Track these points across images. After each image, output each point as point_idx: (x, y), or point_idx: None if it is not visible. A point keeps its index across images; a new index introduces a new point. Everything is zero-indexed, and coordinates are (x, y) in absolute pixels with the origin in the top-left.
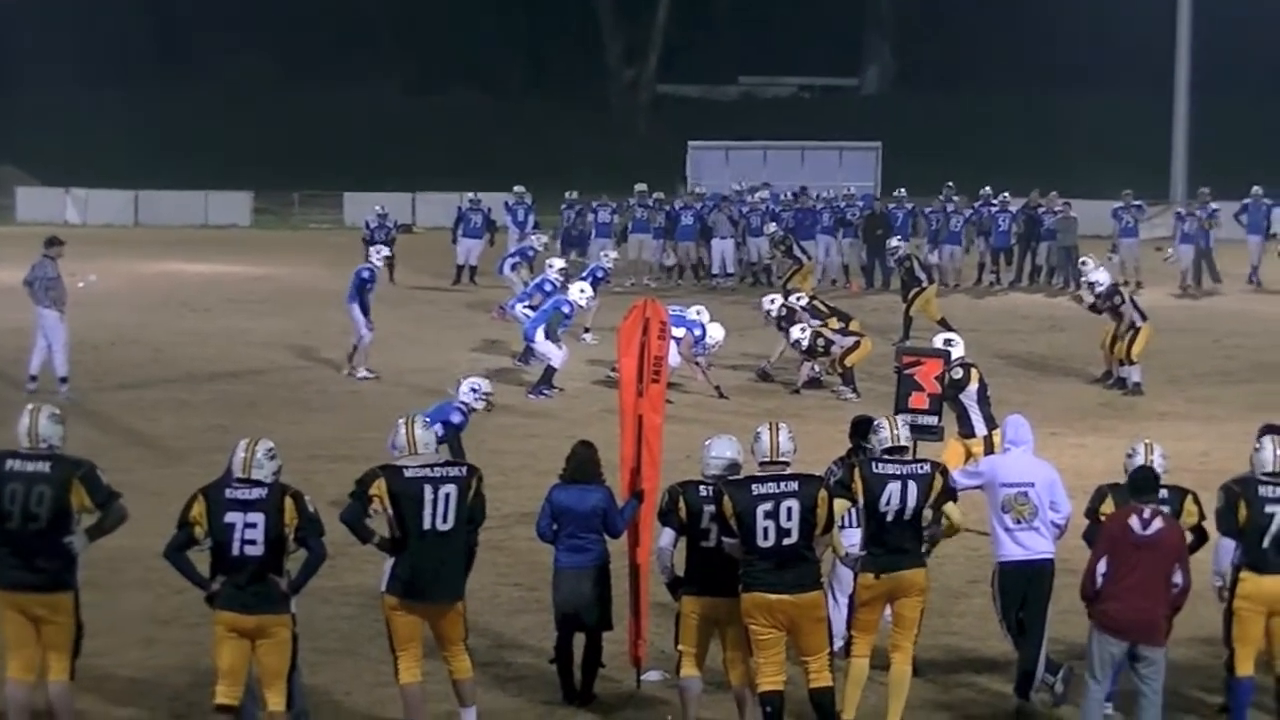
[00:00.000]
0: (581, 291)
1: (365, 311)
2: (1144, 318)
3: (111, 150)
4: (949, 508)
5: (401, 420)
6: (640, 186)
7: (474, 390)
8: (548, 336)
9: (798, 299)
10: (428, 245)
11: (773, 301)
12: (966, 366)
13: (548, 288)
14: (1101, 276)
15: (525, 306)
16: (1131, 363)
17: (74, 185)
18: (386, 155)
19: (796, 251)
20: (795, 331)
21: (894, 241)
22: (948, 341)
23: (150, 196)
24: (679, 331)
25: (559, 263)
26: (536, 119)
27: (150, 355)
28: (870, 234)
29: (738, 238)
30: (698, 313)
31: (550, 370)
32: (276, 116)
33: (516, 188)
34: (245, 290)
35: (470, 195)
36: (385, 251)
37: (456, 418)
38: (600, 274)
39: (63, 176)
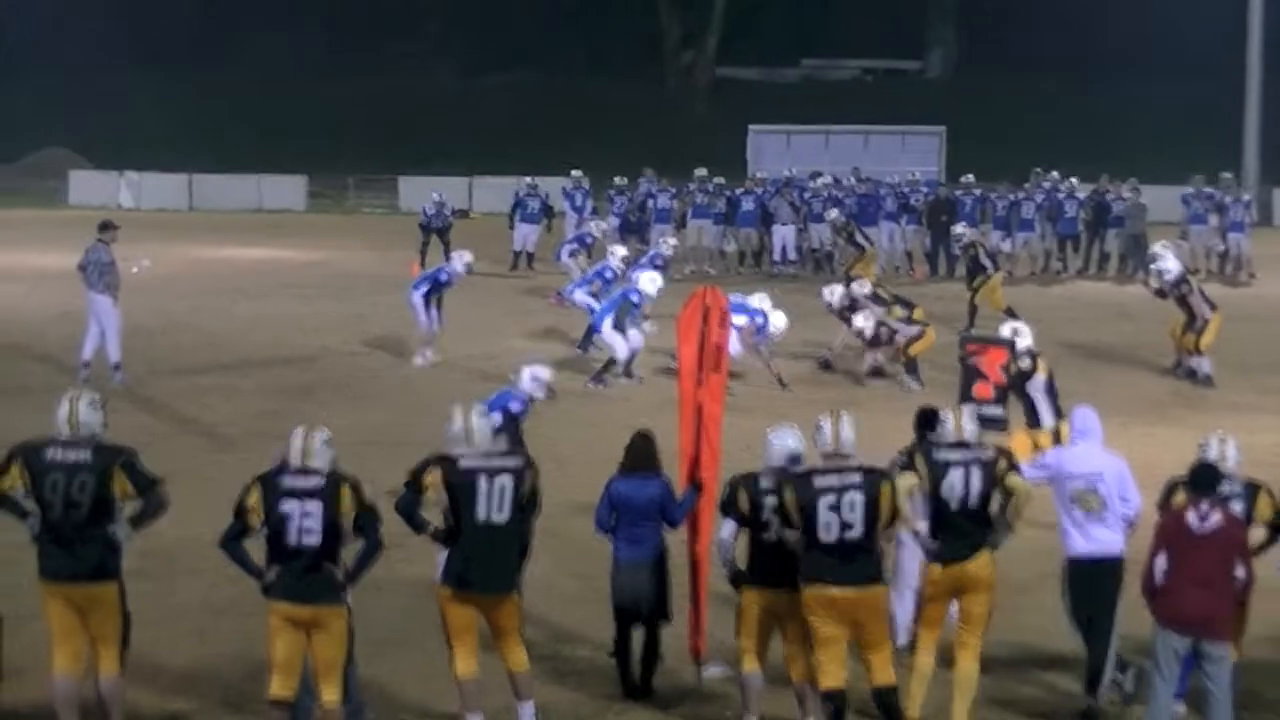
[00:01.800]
0: (652, 281)
1: (429, 308)
2: (1213, 308)
3: (165, 133)
4: (1012, 479)
5: (458, 408)
6: (700, 171)
7: (535, 379)
8: (615, 327)
9: (860, 287)
10: (485, 231)
11: (833, 292)
12: (1034, 356)
13: (608, 275)
14: (1171, 265)
15: (585, 293)
16: (1200, 354)
17: (127, 168)
18: (442, 139)
19: (859, 238)
20: (858, 320)
21: (959, 228)
22: (1014, 331)
23: (204, 180)
24: (740, 320)
25: (621, 250)
26: (595, 102)
27: (203, 341)
28: (934, 220)
29: (799, 224)
30: (760, 300)
31: (611, 362)
32: (331, 99)
33: (574, 172)
34: (299, 275)
35: (528, 180)
36: (468, 258)
37: (516, 406)
38: (660, 261)
39: (116, 159)
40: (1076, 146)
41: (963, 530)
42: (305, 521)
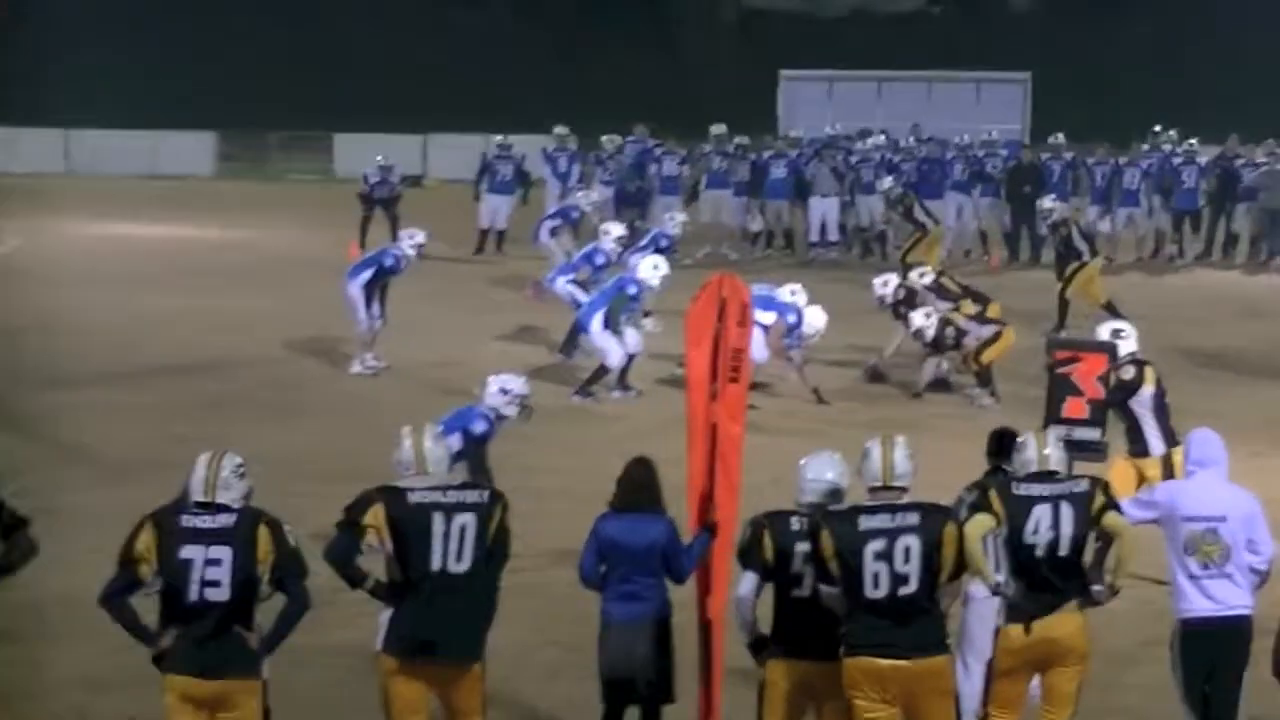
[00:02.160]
0: (655, 268)
1: (372, 301)
2: None
3: (36, 79)
4: (1112, 519)
5: (407, 430)
6: (718, 129)
7: (504, 392)
8: (607, 326)
9: (921, 276)
10: (443, 203)
11: (886, 283)
12: (1140, 365)
13: (599, 260)
14: None
15: (569, 281)
16: None
17: None
18: (390, 88)
19: (919, 214)
20: (917, 318)
21: (1047, 202)
22: (1116, 333)
23: (85, 138)
24: (767, 317)
25: (616, 229)
26: (583, 43)
27: (87, 344)
28: (1016, 192)
29: (844, 195)
30: (791, 293)
31: (601, 370)
32: (247, 39)
33: (558, 129)
34: (207, 260)
35: (498, 140)
36: (420, 238)
37: (480, 427)
38: (665, 243)
39: None
40: (1198, 100)
41: (1050, 585)
42: (210, 571)
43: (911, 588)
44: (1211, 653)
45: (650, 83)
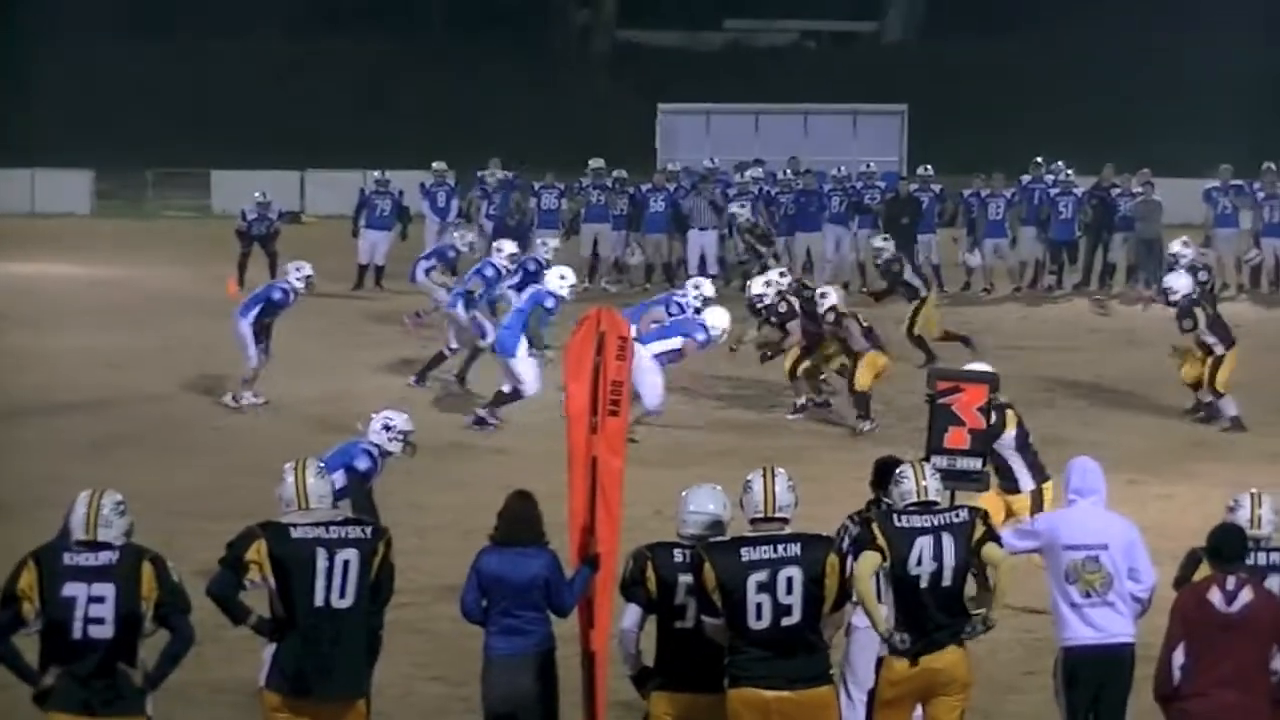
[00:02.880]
0: (562, 278)
1: (259, 337)
2: (1228, 342)
3: None
4: (991, 550)
5: (290, 466)
6: (596, 163)
7: (387, 428)
8: (530, 346)
9: (823, 298)
10: (321, 239)
11: (769, 283)
12: (1001, 409)
13: (489, 272)
14: (1181, 283)
15: (462, 303)
16: (1219, 394)
17: None
18: (265, 122)
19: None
20: (756, 284)
21: (877, 242)
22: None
23: None
24: (672, 344)
25: (509, 246)
26: (460, 74)
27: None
28: (894, 223)
29: (722, 228)
30: (697, 294)
31: (512, 395)
32: (121, 68)
33: (436, 164)
34: (85, 298)
35: (376, 175)
36: (307, 271)
37: (363, 463)
38: (533, 267)
39: None
40: (1074, 128)
41: (931, 617)
42: (94, 609)
43: (795, 618)
44: (1095, 680)
45: (528, 116)
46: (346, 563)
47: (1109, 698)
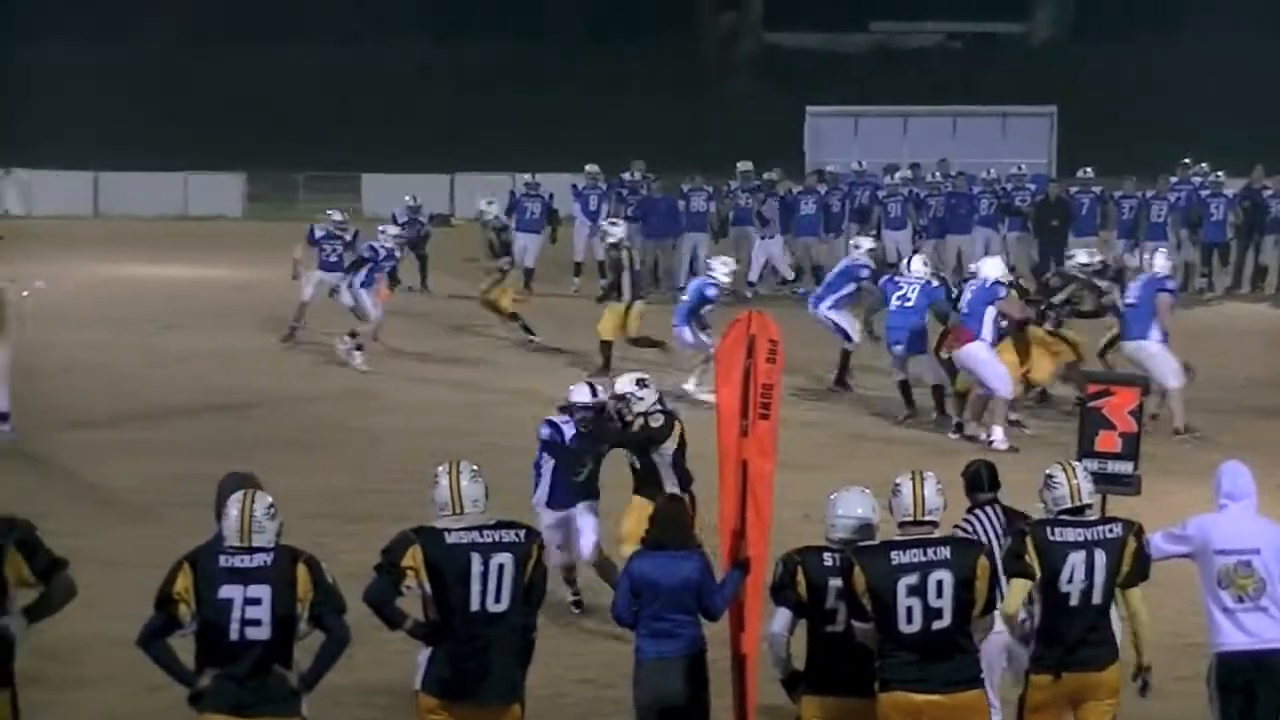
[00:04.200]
0: (724, 264)
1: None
2: None
3: (64, 121)
4: (1132, 596)
5: (443, 469)
6: (744, 165)
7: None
8: (694, 327)
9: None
10: (471, 242)
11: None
12: (669, 416)
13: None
14: None
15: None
16: None
17: (15, 165)
18: (416, 126)
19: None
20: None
21: (605, 225)
22: (640, 382)
23: (115, 180)
24: (848, 290)
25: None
26: (608, 78)
27: (111, 384)
28: (1044, 226)
29: (872, 230)
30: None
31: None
32: (273, 76)
33: (589, 167)
34: (235, 300)
35: (526, 178)
36: (394, 230)
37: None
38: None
39: (1, 156)
40: (1224, 130)
41: (1078, 632)
42: (251, 610)
43: (945, 622)
44: (1248, 686)
45: (675, 120)
46: (501, 567)
47: (1263, 704)
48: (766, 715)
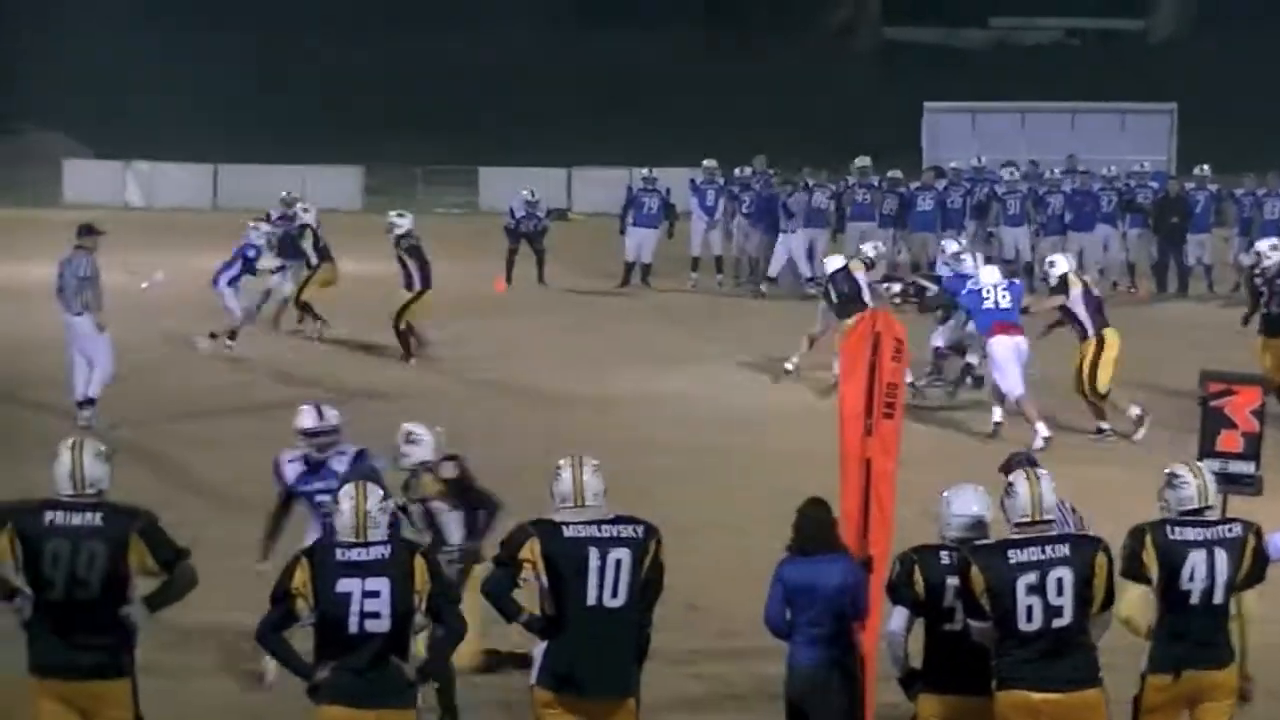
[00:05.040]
0: (875, 248)
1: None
2: None
3: (183, 115)
4: (1247, 599)
5: (566, 462)
6: (861, 161)
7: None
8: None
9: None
10: (588, 236)
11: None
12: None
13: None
14: None
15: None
16: None
17: (135, 158)
18: (532, 120)
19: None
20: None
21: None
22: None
23: (233, 173)
24: None
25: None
26: (726, 72)
27: (230, 377)
28: (1164, 223)
29: (990, 226)
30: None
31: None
32: (392, 69)
33: (707, 162)
34: (353, 293)
35: (644, 173)
36: (266, 226)
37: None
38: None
39: (122, 147)
40: None
41: (1198, 632)
42: (370, 603)
43: (1065, 620)
44: None
45: (791, 114)
46: (618, 562)
47: None
48: (883, 711)
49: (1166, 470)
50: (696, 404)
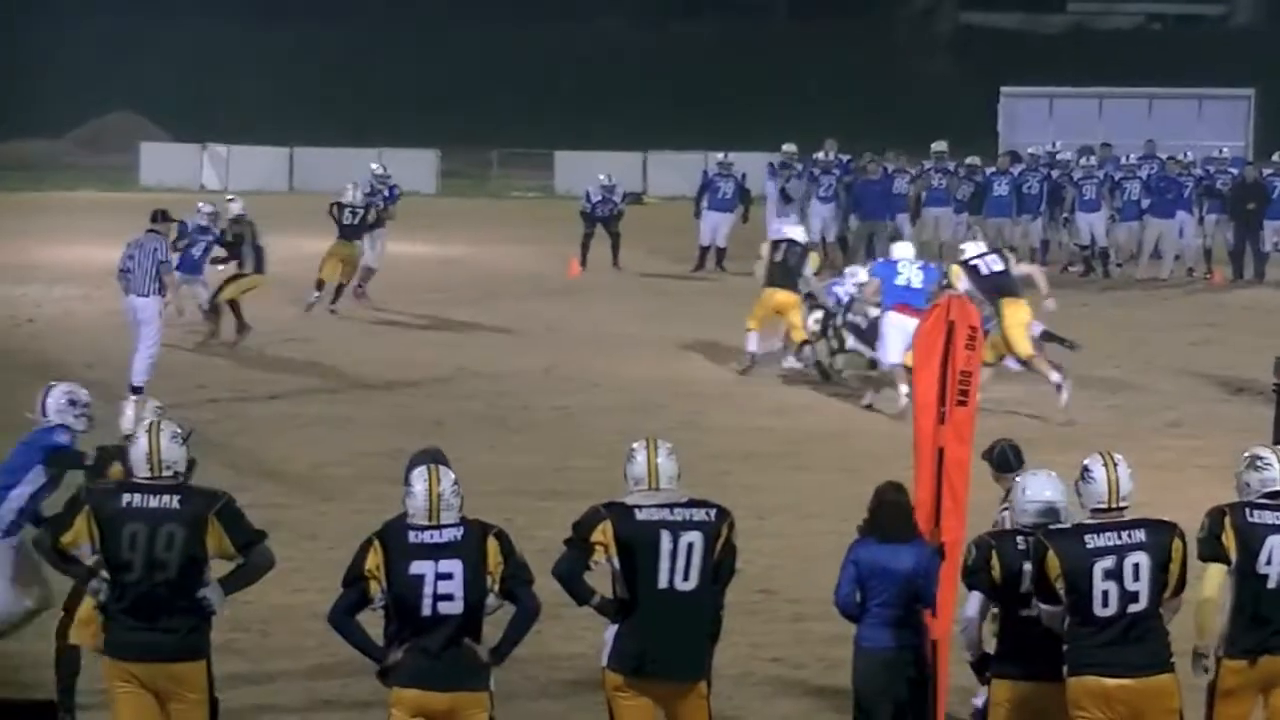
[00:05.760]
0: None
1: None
2: None
3: (259, 97)
4: None
5: (640, 445)
6: (938, 146)
7: (72, 404)
8: None
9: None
10: (663, 221)
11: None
12: None
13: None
14: None
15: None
16: None
17: (212, 140)
18: (608, 104)
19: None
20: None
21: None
22: None
23: (309, 155)
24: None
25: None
26: (803, 58)
27: (306, 360)
28: (1240, 209)
29: (1065, 212)
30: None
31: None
32: (467, 54)
33: (786, 146)
34: (429, 276)
35: (719, 157)
36: (208, 209)
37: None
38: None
39: (199, 130)
40: None
41: (1276, 616)
42: (443, 585)
43: (1141, 605)
44: None
45: (869, 99)
46: (690, 545)
47: None
48: (957, 695)
49: (1247, 453)
50: (769, 388)
